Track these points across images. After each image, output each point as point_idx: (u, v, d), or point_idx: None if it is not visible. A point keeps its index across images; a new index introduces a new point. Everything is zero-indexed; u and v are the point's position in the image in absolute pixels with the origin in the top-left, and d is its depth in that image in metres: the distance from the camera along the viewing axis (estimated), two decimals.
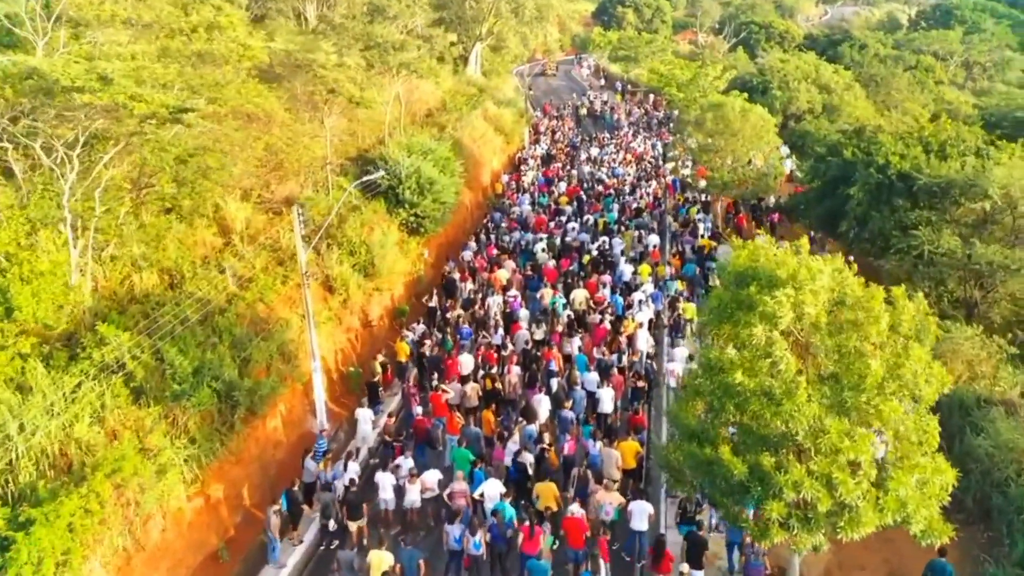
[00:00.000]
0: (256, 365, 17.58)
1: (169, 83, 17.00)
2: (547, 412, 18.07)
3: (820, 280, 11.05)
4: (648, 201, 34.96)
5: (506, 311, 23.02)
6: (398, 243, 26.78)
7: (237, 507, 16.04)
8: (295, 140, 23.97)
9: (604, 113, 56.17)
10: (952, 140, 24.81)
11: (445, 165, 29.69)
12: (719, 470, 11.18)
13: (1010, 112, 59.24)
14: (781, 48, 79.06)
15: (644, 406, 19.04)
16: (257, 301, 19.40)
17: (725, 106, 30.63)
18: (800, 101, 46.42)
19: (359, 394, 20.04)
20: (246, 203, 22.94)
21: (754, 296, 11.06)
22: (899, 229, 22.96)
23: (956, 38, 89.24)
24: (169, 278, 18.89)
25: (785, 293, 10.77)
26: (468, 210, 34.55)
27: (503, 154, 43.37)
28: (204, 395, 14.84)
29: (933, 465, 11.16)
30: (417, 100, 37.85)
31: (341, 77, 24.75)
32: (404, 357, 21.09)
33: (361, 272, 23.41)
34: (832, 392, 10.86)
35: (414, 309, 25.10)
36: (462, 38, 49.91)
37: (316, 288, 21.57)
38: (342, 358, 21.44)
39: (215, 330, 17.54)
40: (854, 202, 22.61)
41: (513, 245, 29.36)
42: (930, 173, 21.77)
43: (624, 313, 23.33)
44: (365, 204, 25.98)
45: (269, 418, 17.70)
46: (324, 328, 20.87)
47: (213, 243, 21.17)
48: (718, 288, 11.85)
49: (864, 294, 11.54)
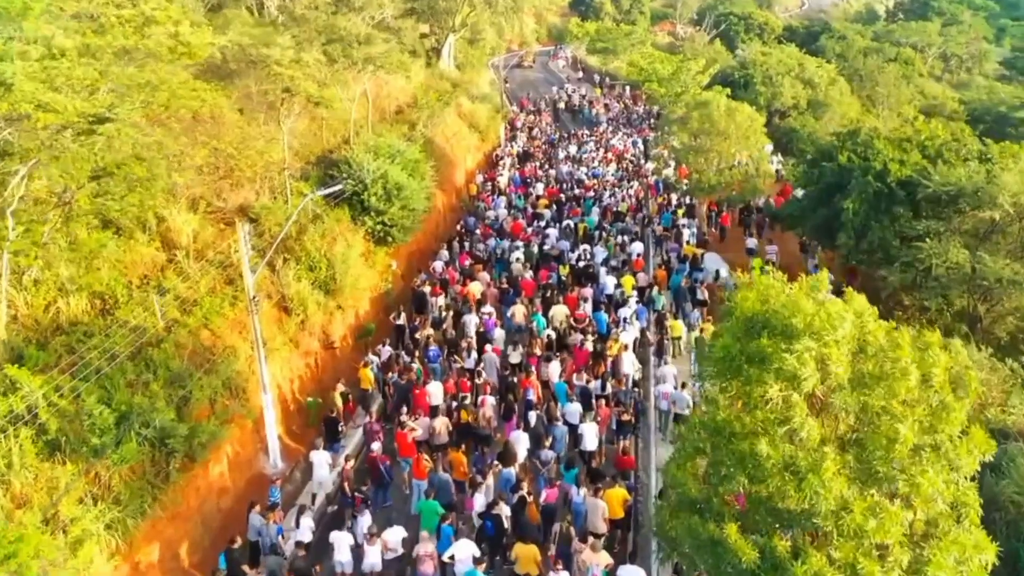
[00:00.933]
0: (197, 404, 15.63)
1: (92, 85, 14.90)
2: (525, 451, 16.33)
3: (842, 328, 9.37)
4: (630, 203, 33.27)
5: (480, 330, 21.20)
6: (364, 254, 24.85)
7: (174, 570, 14.12)
8: (247, 144, 21.89)
9: (582, 107, 54.36)
10: (949, 144, 23.38)
11: (415, 168, 27.75)
12: (725, 553, 9.50)
13: (993, 107, 58.53)
14: (760, 40, 77.90)
15: (631, 440, 17.39)
16: (201, 327, 17.41)
17: (711, 104, 29.00)
18: (784, 97, 45.05)
19: (318, 428, 18.17)
20: (194, 213, 20.90)
21: (768, 351, 9.36)
22: (900, 239, 21.51)
23: (935, 30, 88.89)
24: (101, 303, 16.88)
25: (805, 346, 9.09)
26: (441, 214, 32.63)
27: (478, 152, 41.44)
28: (130, 449, 12.90)
29: (972, 541, 9.59)
30: (386, 96, 35.77)
31: (298, 75, 22.66)
32: (368, 385, 19.22)
33: (322, 289, 21.46)
34: (857, 461, 9.22)
35: (382, 326, 23.21)
36: (434, 29, 47.79)
37: (270, 310, 19.63)
38: (299, 387, 19.51)
39: (149, 365, 15.56)
40: (851, 211, 21.06)
41: (488, 254, 27.52)
42: (939, 180, 20.26)
43: (607, 332, 21.63)
44: (328, 212, 23.99)
45: (213, 462, 15.77)
46: (279, 354, 18.96)
47: (156, 260, 19.10)
48: (725, 336, 10.12)
49: (888, 341, 9.91)
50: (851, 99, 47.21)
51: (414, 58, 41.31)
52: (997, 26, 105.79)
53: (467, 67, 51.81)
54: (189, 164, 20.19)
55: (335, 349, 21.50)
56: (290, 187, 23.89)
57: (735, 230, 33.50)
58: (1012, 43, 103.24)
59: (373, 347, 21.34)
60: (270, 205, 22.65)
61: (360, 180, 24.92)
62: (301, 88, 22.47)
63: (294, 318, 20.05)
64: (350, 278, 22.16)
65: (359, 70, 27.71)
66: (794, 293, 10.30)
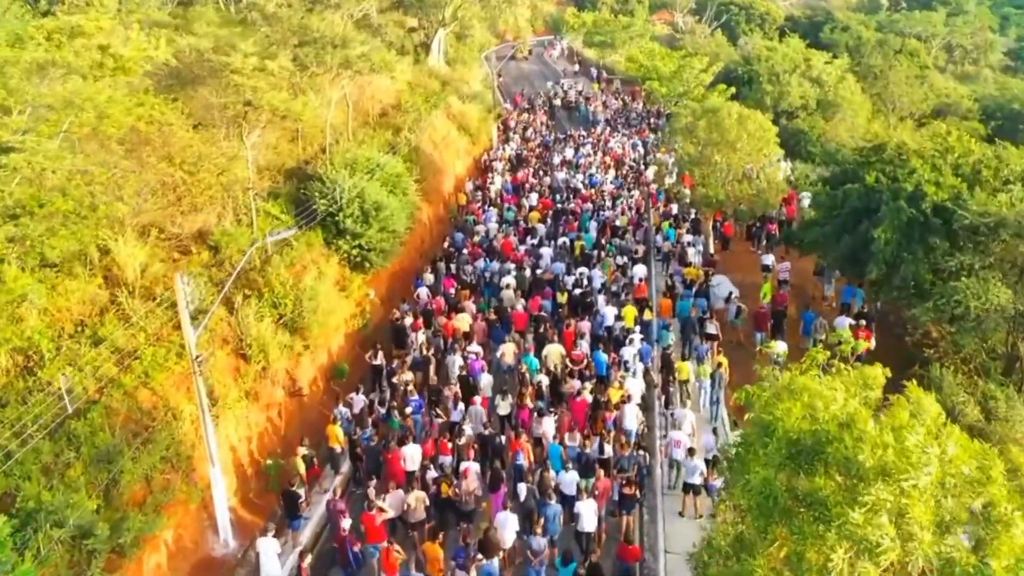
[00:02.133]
0: (128, 486, 13.34)
1: None
2: (513, 534, 14.10)
3: (926, 470, 7.10)
4: (631, 217, 30.92)
5: (464, 374, 18.92)
6: (338, 282, 22.52)
7: None
8: (202, 163, 19.47)
9: (579, 104, 51.83)
10: (988, 161, 21.06)
11: (397, 183, 25.37)
12: None
13: (1006, 103, 56.02)
14: (762, 31, 75.34)
15: (635, 517, 15.19)
16: (140, 386, 15.08)
17: (720, 112, 26.61)
18: (792, 96, 42.57)
19: (276, 499, 15.93)
20: (145, 243, 18.49)
21: (827, 497, 7.12)
22: (934, 272, 19.25)
23: (939, 20, 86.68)
24: (24, 360, 14.54)
25: (880, 498, 6.84)
26: (427, 227, 30.26)
27: (468, 157, 38.95)
28: (26, 571, 10.57)
29: None
30: (369, 98, 33.20)
31: (262, 85, 20.22)
32: (336, 443, 16.96)
33: (288, 328, 19.14)
34: None
35: (357, 364, 20.94)
36: (423, 23, 45.18)
37: (226, 357, 17.31)
38: (259, 445, 17.21)
39: (72, 440, 13.25)
40: (882, 241, 18.77)
41: (476, 277, 25.18)
42: (976, 209, 17.99)
43: (607, 373, 19.40)
44: (297, 237, 21.58)
45: (149, 551, 13.49)
46: (235, 410, 16.64)
47: (97, 299, 16.72)
48: (759, 468, 7.87)
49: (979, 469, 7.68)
50: (862, 98, 44.80)
51: (401, 55, 38.73)
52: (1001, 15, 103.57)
53: (458, 63, 49.23)
54: (133, 189, 17.82)
55: (303, 396, 19.19)
56: (256, 209, 21.48)
57: (742, 243, 31.30)
58: (1017, 32, 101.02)
59: (346, 393, 19.06)
60: (232, 231, 20.24)
61: (334, 199, 22.55)
62: (264, 101, 20.02)
63: (253, 365, 17.70)
64: (320, 314, 19.84)
65: (335, 75, 25.20)
66: (851, 407, 8.04)
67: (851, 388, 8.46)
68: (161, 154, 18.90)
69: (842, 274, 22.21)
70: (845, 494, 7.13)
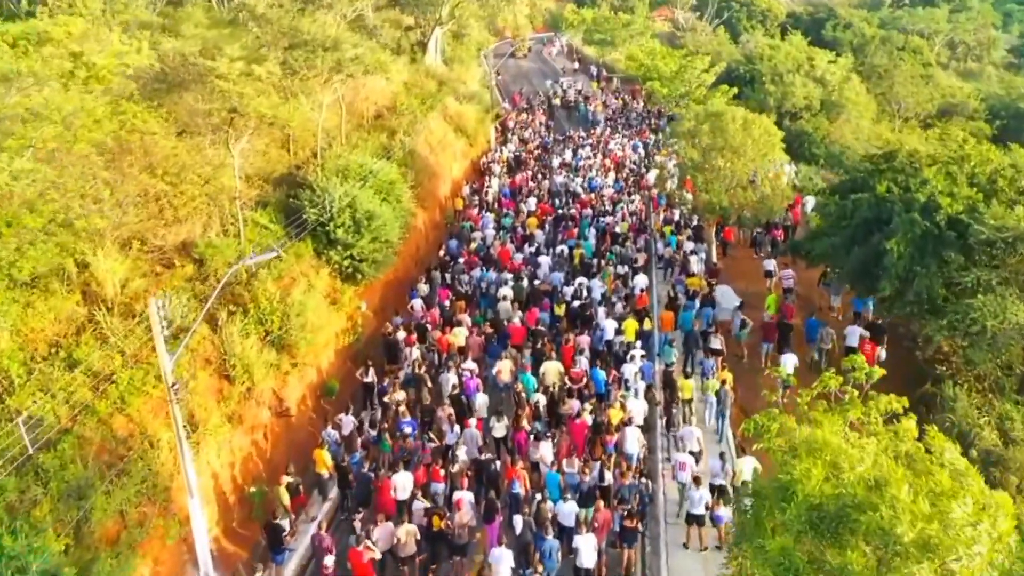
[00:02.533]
0: (101, 523, 12.59)
1: None
2: (509, 573, 13.35)
3: (977, 547, 6.33)
4: (632, 223, 30.12)
5: (458, 393, 18.15)
6: (329, 294, 21.74)
7: None
8: (185, 172, 18.68)
9: (578, 103, 50.95)
10: (1004, 170, 20.25)
11: (390, 190, 24.56)
12: None
13: (1012, 103, 55.13)
14: (763, 28, 74.49)
15: (636, 550, 14.45)
16: (115, 412, 14.31)
17: (724, 116, 25.77)
18: (796, 97, 41.84)
19: (261, 525, 15.18)
20: (126, 256, 17.69)
21: (860, 575, 6.36)
22: (947, 287, 18.48)
23: (942, 16, 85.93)
24: None
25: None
26: (422, 234, 29.47)
27: (465, 159, 38.12)
28: None
29: None
30: (364, 99, 32.33)
31: (248, 91, 19.41)
32: (324, 468, 16.20)
33: (275, 345, 18.37)
34: None
35: (347, 381, 20.18)
36: (419, 22, 44.28)
37: (208, 379, 16.53)
38: (242, 472, 16.44)
39: (40, 475, 12.49)
40: (895, 254, 17.99)
41: (472, 289, 24.40)
42: (993, 224, 17.21)
43: (606, 392, 18.64)
44: (287, 248, 20.78)
45: None
46: (217, 435, 15.86)
47: (74, 317, 15.95)
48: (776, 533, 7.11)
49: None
50: (867, 99, 44.03)
51: (397, 55, 37.85)
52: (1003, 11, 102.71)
53: (455, 62, 48.33)
54: (113, 201, 17.02)
55: (290, 416, 18.42)
56: (243, 219, 20.68)
57: (744, 249, 30.54)
58: (1020, 29, 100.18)
59: (336, 411, 18.33)
60: (217, 243, 19.43)
61: (325, 208, 21.76)
62: (251, 107, 19.21)
63: (238, 386, 16.92)
64: (309, 330, 19.06)
65: (325, 79, 24.37)
66: (882, 466, 7.28)
67: (880, 441, 7.71)
68: (143, 164, 18.13)
69: (852, 288, 21.40)
70: (881, 570, 6.37)
